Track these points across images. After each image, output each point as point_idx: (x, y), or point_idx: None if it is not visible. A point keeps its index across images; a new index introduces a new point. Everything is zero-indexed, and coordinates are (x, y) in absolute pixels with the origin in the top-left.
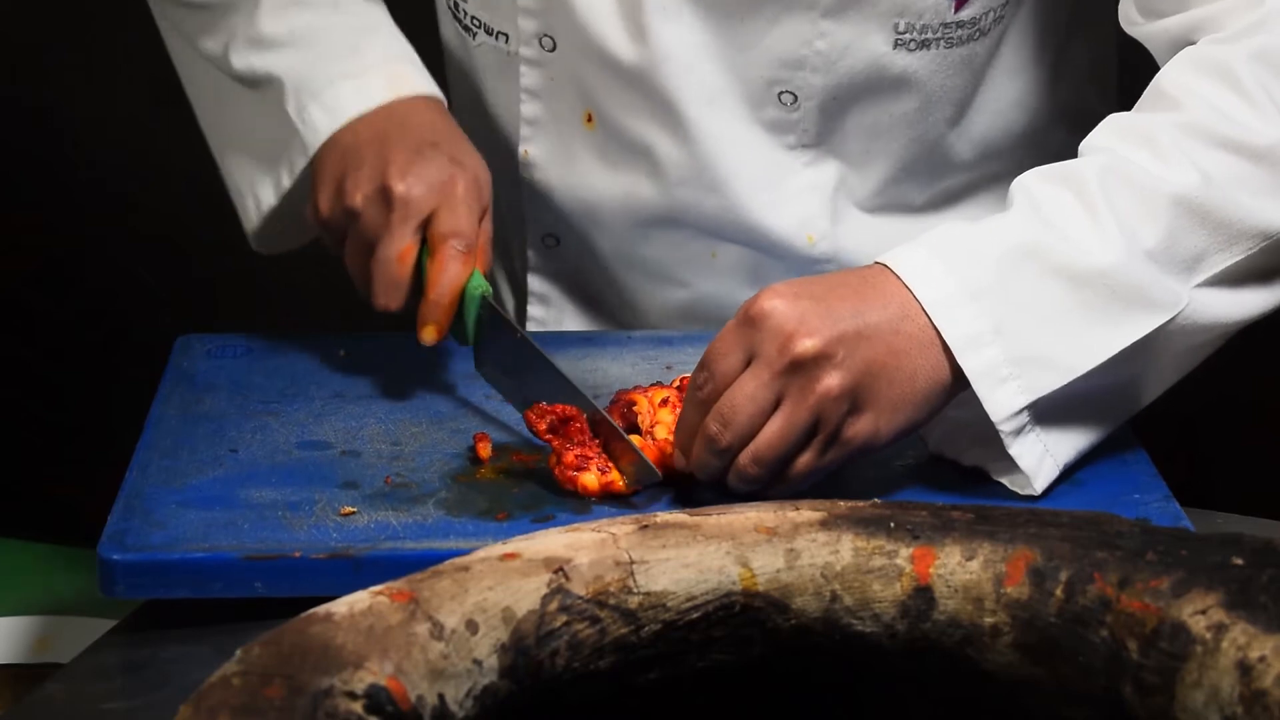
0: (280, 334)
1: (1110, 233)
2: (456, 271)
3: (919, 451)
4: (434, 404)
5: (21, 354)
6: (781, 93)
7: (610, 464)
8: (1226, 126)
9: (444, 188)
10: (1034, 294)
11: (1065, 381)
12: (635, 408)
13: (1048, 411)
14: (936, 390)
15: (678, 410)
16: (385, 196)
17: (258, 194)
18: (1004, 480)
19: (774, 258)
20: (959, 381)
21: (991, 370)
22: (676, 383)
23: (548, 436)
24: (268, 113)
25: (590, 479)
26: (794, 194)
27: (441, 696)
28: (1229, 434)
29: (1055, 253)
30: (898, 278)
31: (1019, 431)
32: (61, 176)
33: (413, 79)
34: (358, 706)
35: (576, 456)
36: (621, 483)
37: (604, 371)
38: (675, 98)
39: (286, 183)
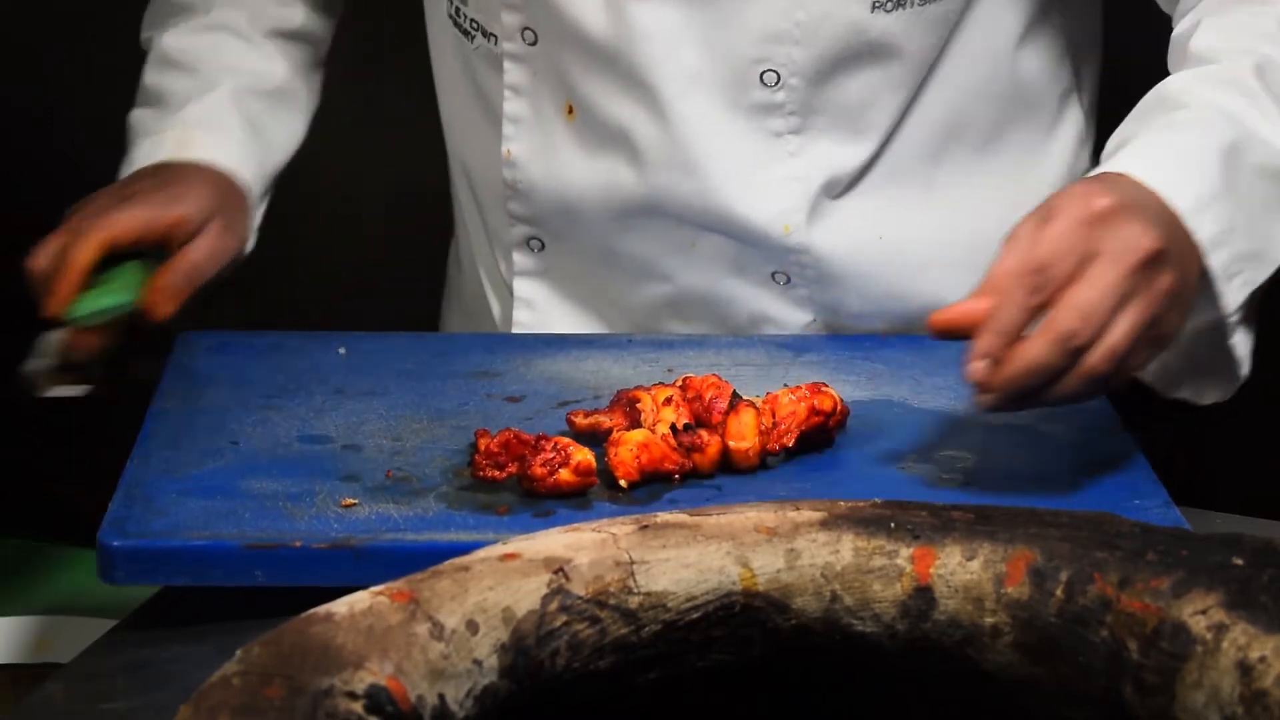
0: (281, 332)
1: None
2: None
3: (919, 452)
4: (435, 401)
5: (21, 354)
6: (764, 72)
7: (569, 451)
8: None
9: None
10: (1249, 192)
11: (1272, 271)
12: (639, 404)
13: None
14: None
15: (680, 408)
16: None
17: None
18: (1188, 392)
19: (751, 246)
20: (1201, 280)
21: (1226, 267)
22: (679, 382)
23: (511, 471)
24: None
25: (567, 474)
26: (774, 183)
27: (442, 696)
28: (1229, 435)
29: (1255, 152)
30: (1146, 186)
31: (1239, 324)
32: (61, 176)
33: (202, 144)
34: (358, 706)
35: (543, 465)
36: (591, 457)
37: (605, 373)
38: (653, 79)
39: None
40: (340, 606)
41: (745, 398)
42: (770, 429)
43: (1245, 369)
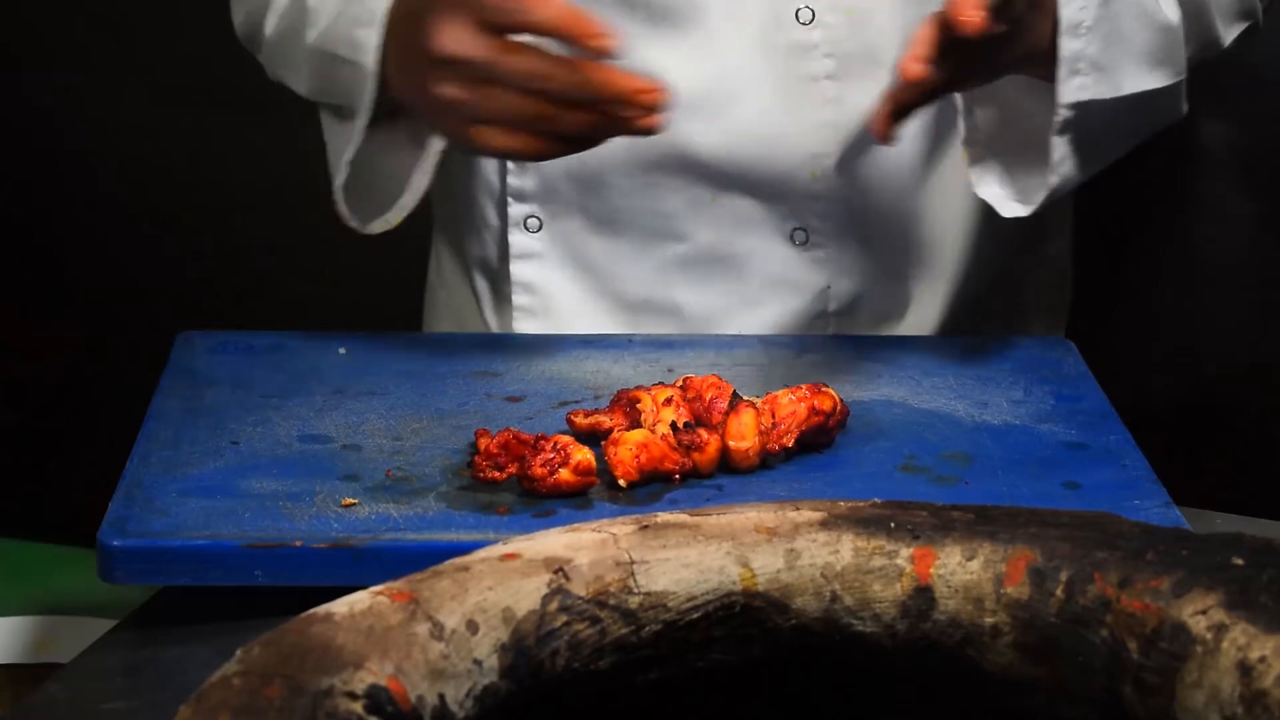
0: (281, 332)
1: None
2: None
3: (919, 452)
4: (435, 401)
5: (20, 353)
6: (799, 9)
7: (569, 451)
8: None
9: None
10: (1120, 17)
11: (1110, 98)
12: (639, 405)
13: (1080, 128)
14: (1033, 50)
15: (680, 409)
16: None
17: (342, 146)
18: (995, 196)
19: (773, 200)
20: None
21: (1072, 59)
22: (679, 383)
23: (511, 471)
24: (338, 72)
25: (567, 474)
26: (807, 128)
27: (442, 696)
28: (1229, 435)
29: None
30: None
31: (1065, 128)
32: (62, 176)
33: None
34: (358, 707)
35: (543, 465)
36: (591, 457)
37: (605, 374)
38: (692, 17)
39: (365, 114)
40: (340, 606)
41: (745, 398)
42: (770, 429)
43: (1054, 179)
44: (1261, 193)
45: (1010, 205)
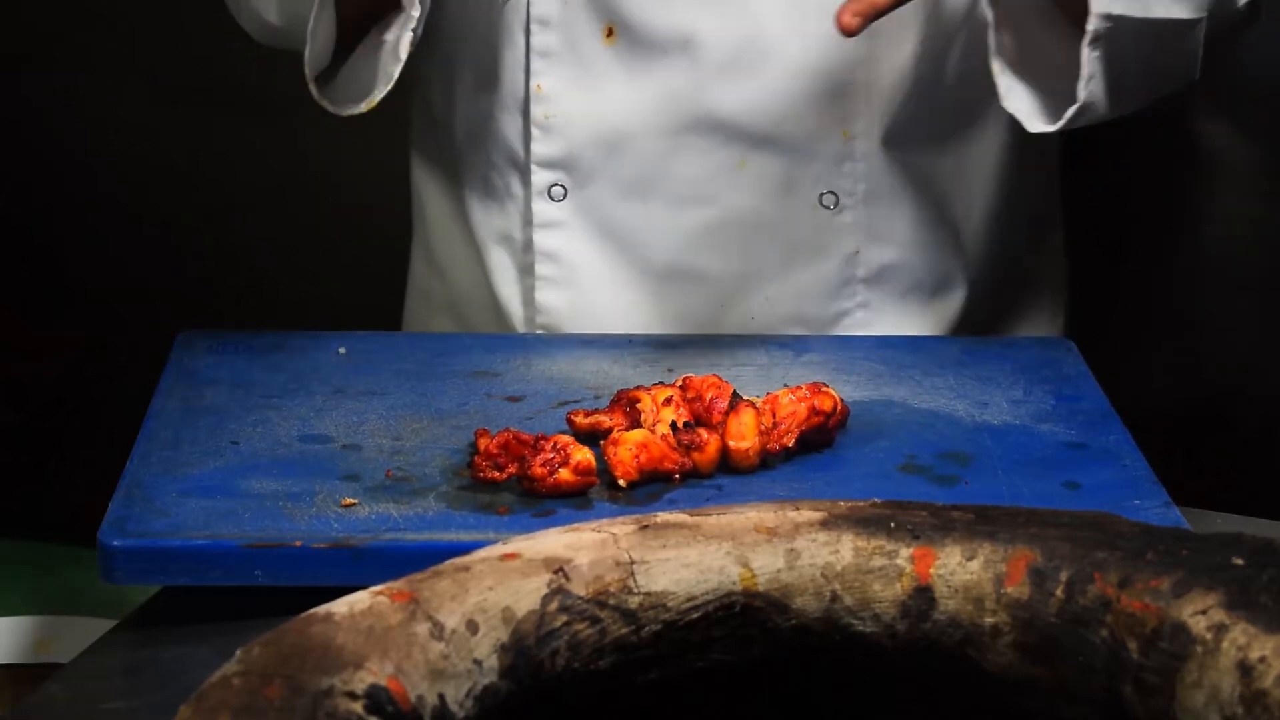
0: (281, 332)
1: None
2: None
3: (919, 452)
4: (435, 401)
5: (20, 353)
6: None
7: (569, 451)
8: None
9: None
10: None
11: (1137, 17)
12: (639, 405)
13: (1110, 46)
14: None
15: (680, 409)
16: None
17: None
18: (1022, 111)
19: (802, 162)
20: None
21: None
22: (679, 383)
23: (511, 471)
24: None
25: (567, 474)
26: (841, 88)
27: (441, 696)
28: (1229, 435)
29: None
30: None
31: (1096, 39)
32: (61, 176)
33: None
34: (358, 707)
35: (543, 465)
36: (591, 457)
37: (605, 373)
38: None
39: None
40: (340, 606)
41: (745, 398)
42: (770, 429)
43: (1083, 94)
44: (1262, 193)
45: (1037, 121)
